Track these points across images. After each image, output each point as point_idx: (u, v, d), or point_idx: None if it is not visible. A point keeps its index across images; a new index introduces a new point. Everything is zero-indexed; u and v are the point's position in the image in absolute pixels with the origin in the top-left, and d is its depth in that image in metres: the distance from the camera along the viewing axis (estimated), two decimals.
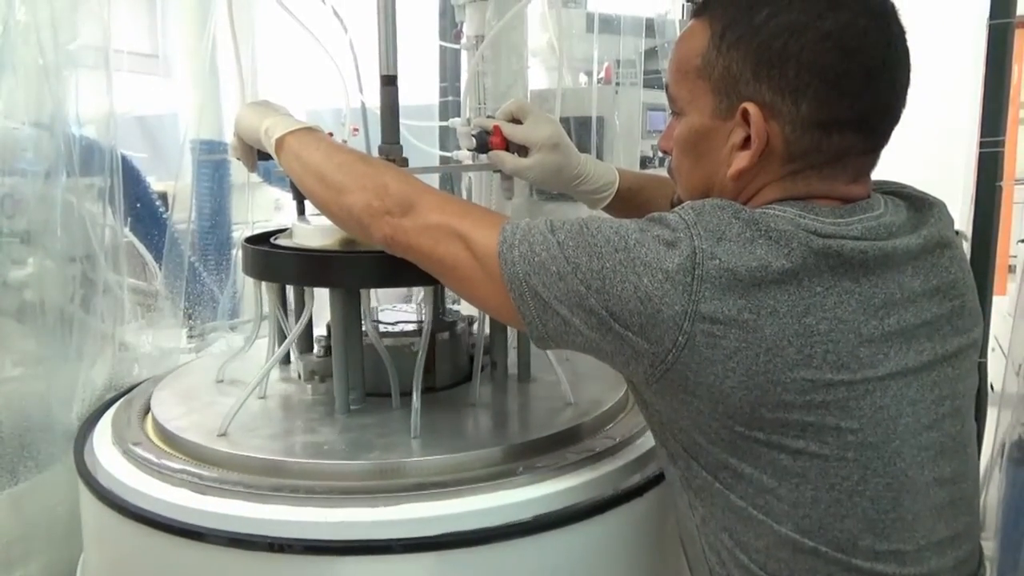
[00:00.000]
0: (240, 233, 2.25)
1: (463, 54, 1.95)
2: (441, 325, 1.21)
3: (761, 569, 0.81)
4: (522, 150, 1.18)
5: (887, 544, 0.78)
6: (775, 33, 0.78)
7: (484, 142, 1.19)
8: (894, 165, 0.90)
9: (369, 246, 0.99)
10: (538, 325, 0.82)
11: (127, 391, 1.28)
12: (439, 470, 0.96)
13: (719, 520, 0.83)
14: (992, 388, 1.70)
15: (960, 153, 3.36)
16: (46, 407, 1.35)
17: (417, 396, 1.05)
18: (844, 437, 0.76)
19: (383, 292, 1.14)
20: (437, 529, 0.89)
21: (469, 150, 1.22)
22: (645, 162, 2.21)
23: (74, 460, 1.08)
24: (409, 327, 1.23)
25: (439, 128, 2.46)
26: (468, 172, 1.63)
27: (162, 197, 2.14)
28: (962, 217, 1.39)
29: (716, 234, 0.75)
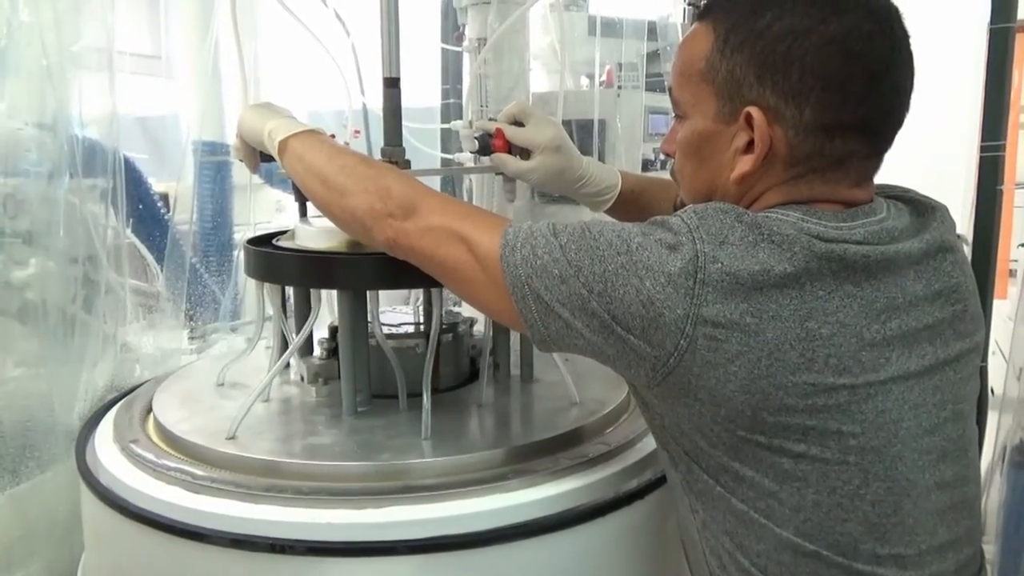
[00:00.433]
0: (242, 234, 2.25)
1: (465, 56, 1.94)
2: (443, 327, 1.21)
3: (762, 572, 0.81)
4: (524, 153, 1.18)
5: (888, 548, 0.78)
6: (779, 37, 0.78)
7: (486, 144, 1.19)
8: (895, 169, 0.89)
9: (372, 248, 0.99)
10: (540, 328, 0.82)
11: (128, 392, 1.28)
12: (454, 470, 0.96)
13: (720, 523, 0.83)
14: (993, 392, 1.70)
15: (961, 157, 3.36)
16: (48, 407, 1.35)
17: (427, 397, 1.05)
18: (845, 441, 0.76)
19: (382, 294, 1.14)
20: (454, 529, 0.90)
21: (471, 152, 1.22)
22: (647, 165, 2.20)
23: (75, 460, 1.08)
24: (409, 329, 1.23)
25: (441, 130, 2.46)
26: (470, 174, 1.63)
27: (164, 198, 2.13)
28: (963, 221, 1.38)
29: (718, 238, 0.75)
